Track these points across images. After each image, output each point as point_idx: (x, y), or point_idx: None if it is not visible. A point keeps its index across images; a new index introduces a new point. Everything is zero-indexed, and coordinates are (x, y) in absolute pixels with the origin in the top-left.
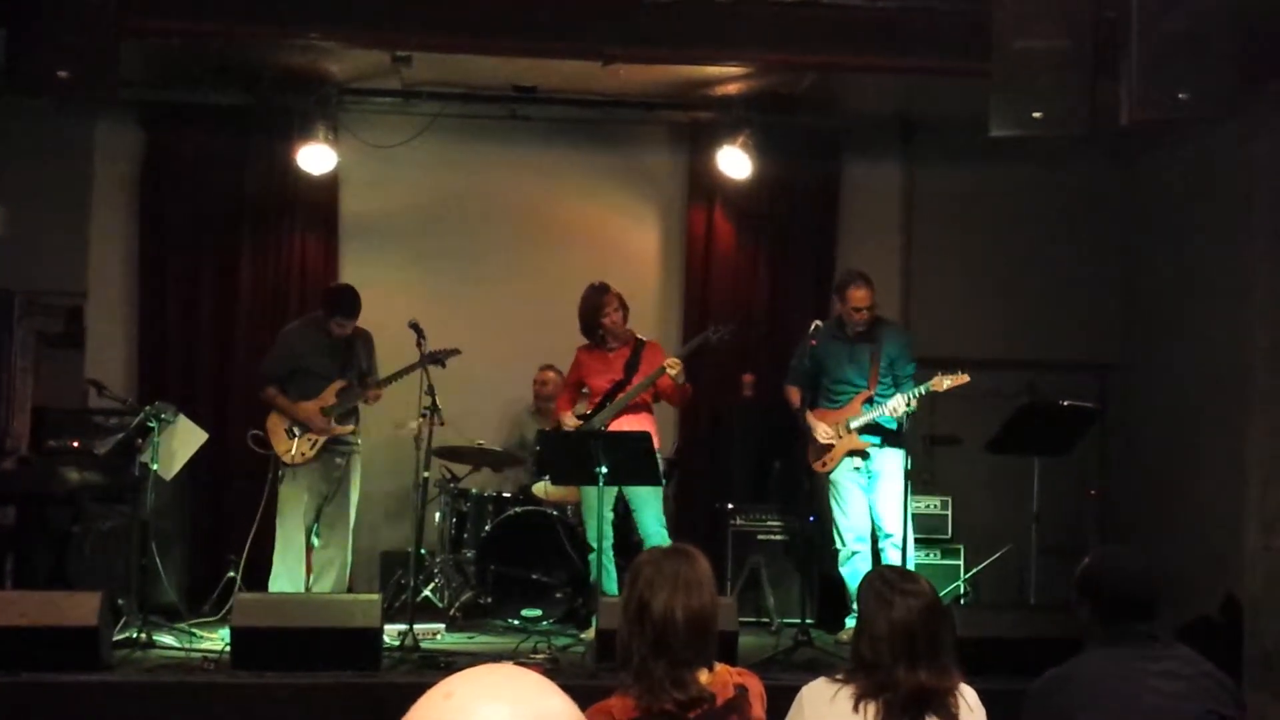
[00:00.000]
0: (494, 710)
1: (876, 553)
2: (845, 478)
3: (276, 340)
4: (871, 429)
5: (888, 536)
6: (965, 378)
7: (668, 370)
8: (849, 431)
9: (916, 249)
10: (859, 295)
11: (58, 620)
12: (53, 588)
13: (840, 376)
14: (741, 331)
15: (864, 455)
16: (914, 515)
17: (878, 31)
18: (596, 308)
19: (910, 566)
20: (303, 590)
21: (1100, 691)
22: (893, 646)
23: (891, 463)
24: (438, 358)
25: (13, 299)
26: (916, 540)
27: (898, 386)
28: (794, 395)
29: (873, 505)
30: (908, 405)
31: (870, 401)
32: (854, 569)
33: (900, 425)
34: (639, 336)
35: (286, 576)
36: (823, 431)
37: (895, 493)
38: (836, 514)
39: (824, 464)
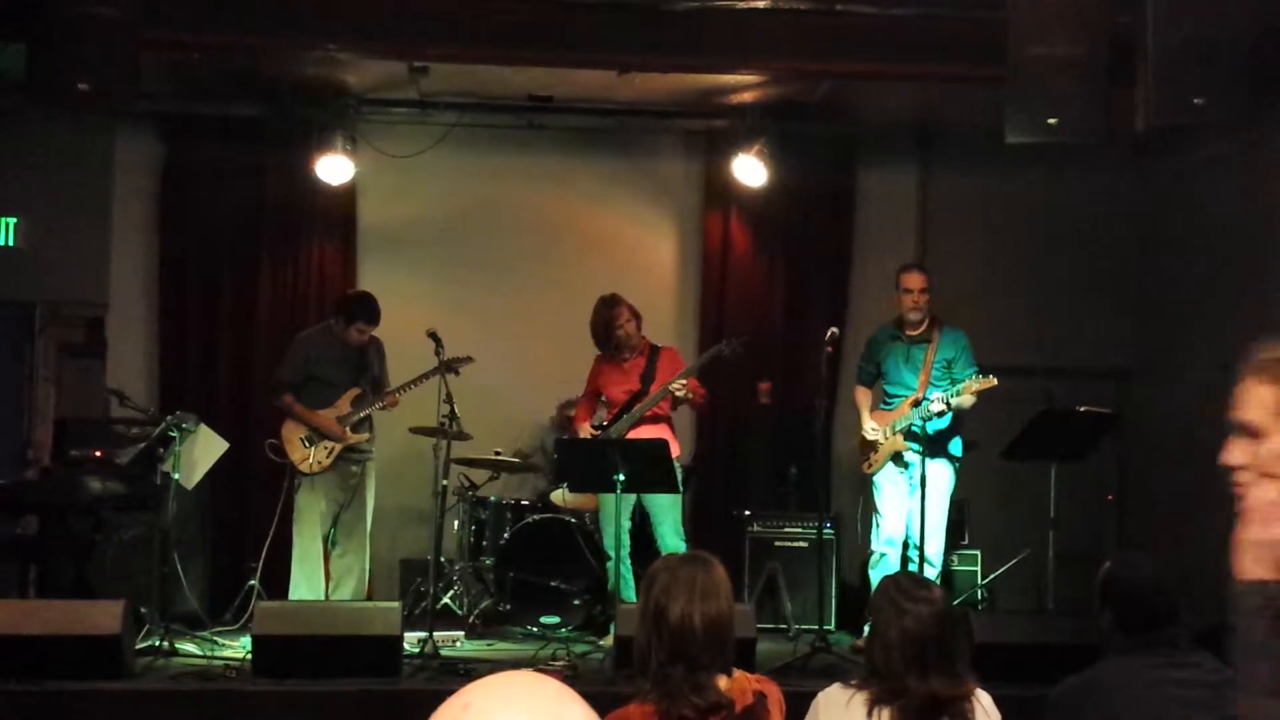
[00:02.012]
0: None
1: (906, 559)
2: (887, 480)
3: (290, 347)
4: (918, 438)
5: (915, 546)
6: (992, 380)
7: (674, 391)
8: (894, 434)
9: (932, 256)
10: (912, 279)
11: (80, 629)
12: (75, 597)
13: (896, 379)
14: (755, 342)
15: (906, 463)
16: None
17: (894, 39)
18: (609, 321)
19: (934, 577)
20: (322, 598)
21: (1123, 699)
22: (904, 654)
23: (934, 473)
24: (452, 365)
25: (34, 310)
26: None
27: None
28: (858, 396)
29: (910, 512)
30: (946, 405)
31: (918, 405)
32: (880, 572)
33: (953, 423)
34: (654, 344)
35: (306, 584)
36: (870, 427)
37: (931, 505)
38: (875, 515)
39: (869, 464)
